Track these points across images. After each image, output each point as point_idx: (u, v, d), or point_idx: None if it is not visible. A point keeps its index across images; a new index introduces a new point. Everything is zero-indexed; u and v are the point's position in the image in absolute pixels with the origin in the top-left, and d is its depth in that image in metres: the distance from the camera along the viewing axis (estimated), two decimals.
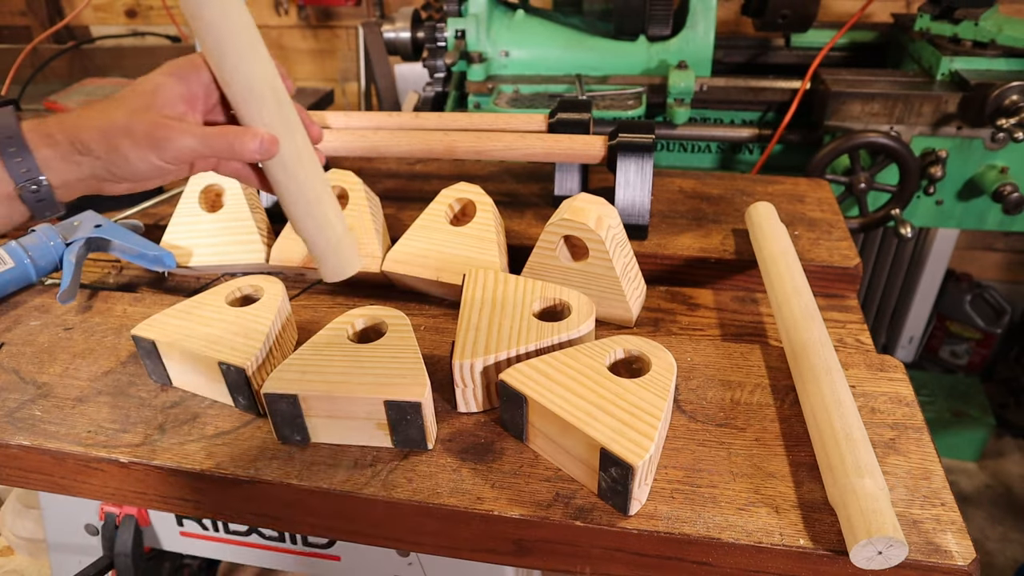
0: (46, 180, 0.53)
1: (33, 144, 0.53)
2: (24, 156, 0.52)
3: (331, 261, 0.63)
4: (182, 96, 0.55)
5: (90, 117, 0.54)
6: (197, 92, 0.56)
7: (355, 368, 0.64)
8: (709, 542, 0.56)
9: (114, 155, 0.53)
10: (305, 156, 0.59)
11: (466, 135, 0.95)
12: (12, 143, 0.52)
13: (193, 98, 0.56)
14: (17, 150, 0.52)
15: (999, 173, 1.24)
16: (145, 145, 0.53)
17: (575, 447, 0.59)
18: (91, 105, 0.55)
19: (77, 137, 0.53)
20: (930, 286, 1.86)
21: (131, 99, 0.54)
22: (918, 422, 0.66)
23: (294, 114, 0.58)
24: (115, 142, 0.53)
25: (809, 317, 0.71)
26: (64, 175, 0.54)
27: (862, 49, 1.49)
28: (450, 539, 0.62)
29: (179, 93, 0.55)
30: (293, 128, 0.58)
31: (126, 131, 0.53)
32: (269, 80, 0.56)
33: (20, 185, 0.52)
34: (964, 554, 0.54)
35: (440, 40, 1.37)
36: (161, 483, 0.65)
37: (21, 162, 0.52)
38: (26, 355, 0.77)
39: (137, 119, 0.53)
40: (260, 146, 0.55)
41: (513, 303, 0.72)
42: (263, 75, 0.56)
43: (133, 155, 0.53)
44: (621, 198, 0.92)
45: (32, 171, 0.52)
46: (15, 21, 2.25)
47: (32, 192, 0.52)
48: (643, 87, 1.30)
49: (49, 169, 0.53)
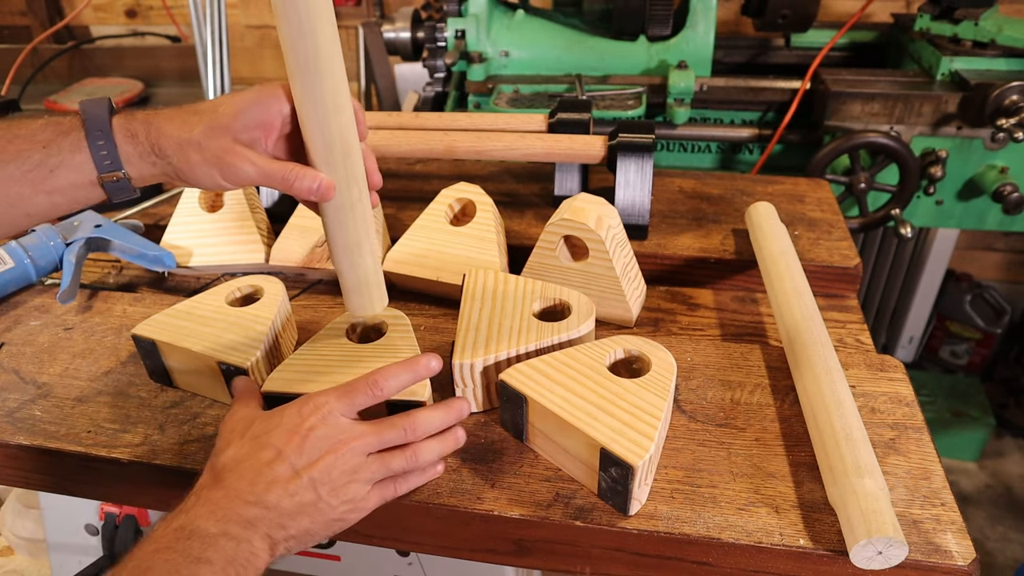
0: (125, 173, 0.57)
1: (119, 139, 0.57)
2: (110, 149, 0.56)
3: (355, 299, 0.65)
4: (259, 122, 0.58)
5: (172, 126, 0.58)
6: (275, 121, 0.59)
7: (356, 368, 0.65)
8: (709, 542, 0.56)
9: (184, 166, 0.58)
10: (357, 207, 0.61)
11: (466, 135, 0.95)
12: (101, 135, 0.56)
13: (269, 126, 0.59)
14: (105, 143, 0.56)
15: (999, 173, 1.23)
16: (212, 164, 0.57)
17: (575, 447, 0.59)
18: (177, 111, 0.59)
19: (157, 143, 0.58)
20: (930, 286, 1.86)
21: (212, 117, 0.57)
22: (918, 422, 0.66)
23: (359, 167, 0.61)
24: (188, 155, 0.57)
25: (809, 317, 0.71)
26: (140, 170, 0.58)
27: (862, 49, 1.49)
28: (450, 539, 0.62)
29: (257, 119, 0.58)
30: (352, 181, 0.60)
31: (199, 147, 0.57)
32: (344, 134, 0.59)
33: (102, 175, 0.57)
34: (964, 554, 0.54)
35: (440, 40, 1.37)
36: (161, 483, 0.65)
37: (106, 155, 0.56)
38: (26, 355, 0.77)
39: (211, 140, 0.57)
40: (317, 189, 0.58)
41: (513, 303, 0.72)
42: (340, 130, 0.58)
43: (200, 171, 0.58)
44: (621, 198, 0.92)
45: (115, 163, 0.57)
46: (15, 21, 2.25)
47: (112, 182, 0.57)
48: (643, 87, 1.30)
49: (129, 163, 0.57)
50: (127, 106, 1.63)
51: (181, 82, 1.83)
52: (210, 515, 0.52)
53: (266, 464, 0.54)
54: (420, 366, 0.60)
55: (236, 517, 0.52)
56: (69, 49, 1.85)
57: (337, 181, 0.59)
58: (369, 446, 0.56)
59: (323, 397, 0.57)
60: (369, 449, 0.57)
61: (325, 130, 0.57)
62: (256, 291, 0.76)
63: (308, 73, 0.55)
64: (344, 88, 0.57)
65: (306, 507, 0.54)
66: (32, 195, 0.56)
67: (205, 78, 1.29)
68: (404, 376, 0.59)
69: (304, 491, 0.54)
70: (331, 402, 0.57)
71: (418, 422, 0.59)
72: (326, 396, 0.57)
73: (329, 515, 0.55)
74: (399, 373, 0.59)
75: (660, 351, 0.65)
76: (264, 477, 0.53)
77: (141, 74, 1.80)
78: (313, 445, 0.55)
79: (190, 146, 0.57)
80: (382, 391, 0.58)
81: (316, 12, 0.53)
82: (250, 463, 0.54)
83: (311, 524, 0.55)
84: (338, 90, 0.57)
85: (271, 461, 0.54)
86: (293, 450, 0.54)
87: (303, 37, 0.54)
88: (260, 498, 0.52)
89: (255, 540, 0.52)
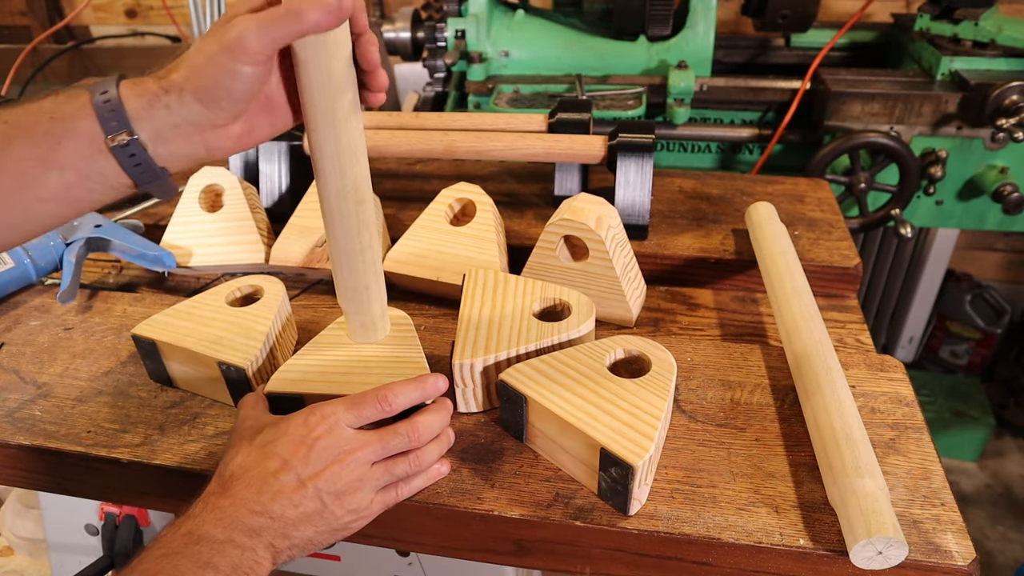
0: (136, 135, 0.49)
1: (124, 94, 0.50)
2: (116, 107, 0.49)
3: (360, 335, 0.68)
4: None
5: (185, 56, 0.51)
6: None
7: (358, 368, 0.65)
8: (709, 542, 0.56)
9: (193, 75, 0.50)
10: (367, 252, 0.62)
11: (466, 135, 0.95)
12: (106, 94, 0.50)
13: None
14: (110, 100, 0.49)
15: (999, 173, 1.23)
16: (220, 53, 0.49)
17: (575, 447, 0.59)
18: None
19: (166, 76, 0.51)
20: (930, 286, 1.86)
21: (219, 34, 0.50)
22: (918, 422, 0.66)
23: (371, 214, 0.61)
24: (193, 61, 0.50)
25: (809, 317, 0.71)
26: (155, 126, 0.50)
27: (862, 49, 1.49)
28: (450, 539, 0.62)
29: None
30: (363, 227, 0.60)
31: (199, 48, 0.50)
32: (358, 184, 0.59)
33: (108, 135, 0.49)
34: (964, 554, 0.54)
35: (440, 40, 1.37)
36: (161, 483, 0.65)
37: (113, 114, 0.49)
38: (26, 355, 0.77)
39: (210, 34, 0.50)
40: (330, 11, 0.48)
41: (513, 303, 0.72)
42: (355, 180, 0.58)
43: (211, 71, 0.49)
44: (621, 198, 0.92)
45: (122, 123, 0.49)
46: (15, 21, 2.25)
47: (122, 146, 0.49)
48: (643, 87, 1.30)
49: (139, 121, 0.50)
50: None
51: None
52: (218, 522, 0.52)
53: (272, 474, 0.54)
54: (428, 385, 0.61)
55: (242, 526, 0.52)
56: (69, 49, 1.85)
57: (348, 228, 0.60)
58: (375, 455, 0.57)
59: (331, 407, 0.57)
60: (374, 458, 0.57)
61: (340, 179, 0.58)
62: (256, 291, 0.76)
63: (327, 127, 0.55)
64: (361, 140, 0.58)
65: (311, 516, 0.54)
66: (42, 174, 0.49)
67: None
68: (413, 393, 0.60)
69: (309, 501, 0.54)
70: (338, 412, 0.57)
71: (421, 428, 0.59)
72: (334, 407, 0.57)
73: (333, 524, 0.56)
74: (409, 391, 0.60)
75: (660, 351, 0.65)
76: (270, 487, 0.53)
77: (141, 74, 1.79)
78: (319, 455, 0.55)
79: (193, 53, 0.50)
80: (391, 406, 0.59)
81: (340, 74, 0.53)
82: (256, 472, 0.54)
83: (315, 533, 0.55)
84: (355, 143, 0.57)
85: (277, 471, 0.54)
86: (299, 460, 0.54)
87: (324, 96, 0.54)
88: (266, 508, 0.53)
89: (259, 549, 0.52)
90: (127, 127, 0.49)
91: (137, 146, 0.50)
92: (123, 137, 0.49)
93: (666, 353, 0.65)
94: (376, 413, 0.58)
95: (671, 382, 0.62)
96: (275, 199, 0.99)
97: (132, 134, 0.49)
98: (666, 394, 0.60)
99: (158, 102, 0.50)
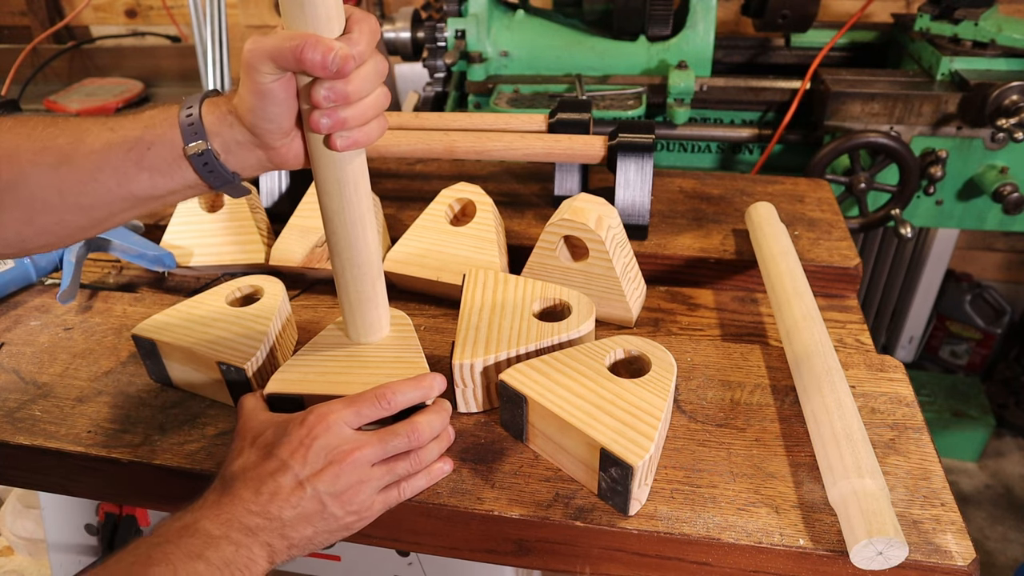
0: (210, 145, 0.55)
1: (204, 110, 0.56)
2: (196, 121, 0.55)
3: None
4: None
5: None
6: None
7: (358, 368, 0.65)
8: (709, 542, 0.56)
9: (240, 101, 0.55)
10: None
11: (466, 135, 0.95)
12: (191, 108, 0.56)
13: None
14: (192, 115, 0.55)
15: (999, 173, 1.23)
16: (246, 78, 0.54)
17: (575, 447, 0.59)
18: None
19: (232, 97, 0.56)
20: (930, 286, 1.86)
21: None
22: (918, 422, 0.66)
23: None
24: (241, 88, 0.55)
25: (809, 317, 0.71)
26: (225, 139, 0.56)
27: (862, 49, 1.49)
28: (450, 539, 0.62)
29: None
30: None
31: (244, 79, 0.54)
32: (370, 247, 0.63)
33: (187, 145, 0.55)
34: (964, 554, 0.54)
35: (440, 40, 1.37)
36: (161, 483, 0.65)
37: (192, 126, 0.55)
38: (26, 355, 0.77)
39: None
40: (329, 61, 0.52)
41: (513, 303, 0.72)
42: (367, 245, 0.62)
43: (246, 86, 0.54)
44: (621, 198, 0.92)
45: (199, 134, 0.55)
46: (15, 21, 2.25)
47: (198, 155, 0.55)
48: (643, 87, 1.30)
49: (213, 134, 0.56)
50: (126, 106, 1.63)
51: (181, 82, 1.83)
52: (215, 518, 0.53)
53: (270, 475, 0.55)
54: (427, 385, 0.61)
55: (239, 524, 0.53)
56: (69, 49, 1.85)
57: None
58: (374, 455, 0.57)
59: (330, 407, 0.58)
60: (374, 458, 0.57)
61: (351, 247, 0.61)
62: (256, 291, 0.76)
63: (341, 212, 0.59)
64: (370, 211, 0.61)
65: (310, 517, 0.55)
66: (136, 172, 0.55)
67: (205, 78, 1.29)
68: (413, 393, 0.60)
69: (308, 501, 0.54)
70: (337, 412, 0.57)
71: (421, 428, 0.59)
72: (333, 407, 0.58)
73: (334, 524, 0.56)
74: (408, 390, 0.60)
75: (660, 351, 0.65)
76: (268, 488, 0.54)
77: (141, 74, 1.80)
78: (317, 455, 0.55)
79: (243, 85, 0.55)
80: (390, 405, 0.59)
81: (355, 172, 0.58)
82: (256, 472, 0.55)
83: (315, 533, 0.56)
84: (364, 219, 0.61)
85: (275, 472, 0.55)
86: (298, 461, 0.55)
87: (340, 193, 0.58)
88: (263, 508, 0.54)
89: (254, 548, 0.53)
90: (203, 138, 0.55)
91: (210, 155, 0.56)
92: (198, 147, 0.55)
93: (666, 353, 0.65)
94: (375, 412, 0.59)
95: (671, 382, 0.62)
96: (275, 199, 0.99)
97: (206, 145, 0.55)
98: (666, 394, 0.60)
99: (225, 120, 0.56)
